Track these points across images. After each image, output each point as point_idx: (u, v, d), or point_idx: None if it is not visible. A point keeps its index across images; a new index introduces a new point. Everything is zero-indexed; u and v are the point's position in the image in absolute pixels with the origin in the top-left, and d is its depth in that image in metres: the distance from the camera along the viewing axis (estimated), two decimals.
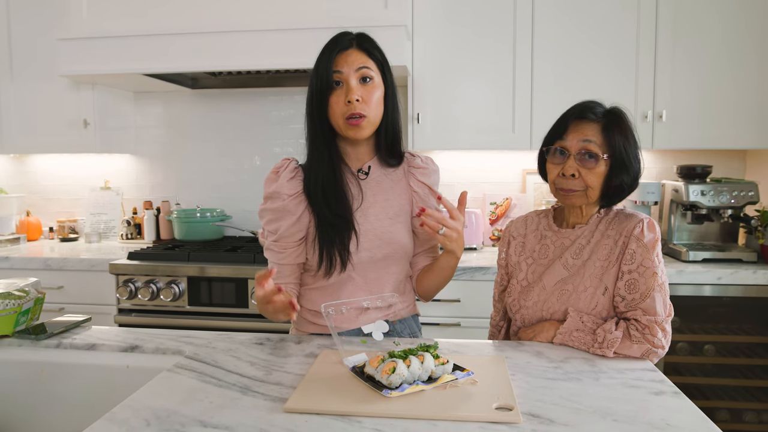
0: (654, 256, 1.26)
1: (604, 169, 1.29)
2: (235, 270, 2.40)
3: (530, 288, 1.39)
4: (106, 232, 3.15)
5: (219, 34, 2.43)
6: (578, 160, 1.29)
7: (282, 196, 1.33)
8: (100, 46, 2.51)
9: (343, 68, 1.28)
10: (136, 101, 3.18)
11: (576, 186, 1.31)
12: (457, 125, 2.63)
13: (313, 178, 1.33)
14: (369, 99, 1.29)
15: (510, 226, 1.52)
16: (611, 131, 1.28)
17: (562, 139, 1.32)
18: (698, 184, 2.44)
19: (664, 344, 1.22)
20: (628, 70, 2.52)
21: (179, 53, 2.47)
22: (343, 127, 1.30)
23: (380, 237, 1.36)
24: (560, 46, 2.54)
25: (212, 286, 2.43)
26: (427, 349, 1.08)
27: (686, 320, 2.29)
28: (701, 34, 2.48)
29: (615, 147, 1.27)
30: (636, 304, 1.25)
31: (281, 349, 1.27)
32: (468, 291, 2.37)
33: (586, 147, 1.28)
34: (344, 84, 1.29)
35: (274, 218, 1.35)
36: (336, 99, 1.29)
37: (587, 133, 1.29)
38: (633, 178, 1.31)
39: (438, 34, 2.59)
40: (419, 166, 1.43)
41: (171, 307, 2.45)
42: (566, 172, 1.31)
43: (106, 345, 1.32)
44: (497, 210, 2.92)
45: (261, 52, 2.42)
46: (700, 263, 2.37)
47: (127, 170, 3.23)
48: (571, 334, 1.27)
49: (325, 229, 1.32)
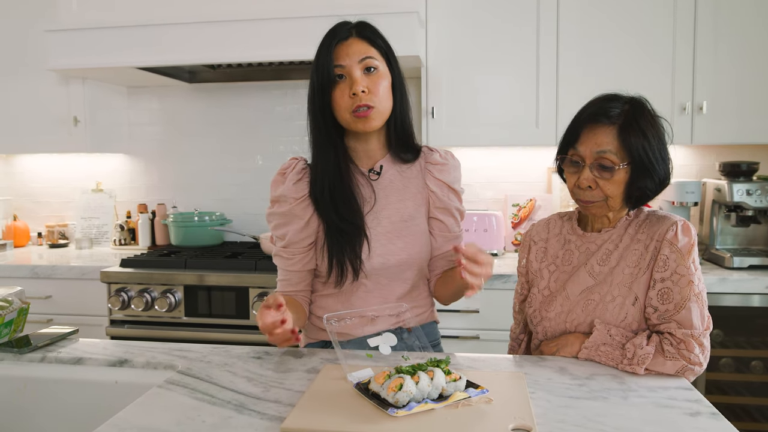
0: (690, 262, 1.24)
1: (624, 176, 1.27)
2: (236, 278, 2.42)
3: (553, 298, 1.38)
4: (97, 238, 3.19)
5: (218, 23, 2.45)
6: (594, 170, 1.28)
7: (288, 199, 1.35)
8: (91, 37, 2.55)
9: (344, 60, 1.29)
10: (129, 97, 3.23)
11: (594, 197, 1.30)
12: (476, 120, 2.62)
13: (318, 182, 1.34)
14: (375, 89, 1.29)
15: (531, 230, 1.51)
16: (628, 134, 1.24)
17: (575, 148, 1.30)
18: (743, 183, 2.40)
19: (702, 361, 1.20)
20: (662, 57, 2.49)
21: (175, 45, 2.50)
22: (351, 121, 1.31)
23: (394, 242, 1.37)
24: (587, 33, 2.52)
25: (211, 295, 2.45)
26: (438, 364, 1.07)
27: (730, 333, 2.26)
28: (745, 16, 2.45)
29: (634, 152, 1.24)
30: (670, 315, 1.23)
31: (281, 364, 1.27)
32: (488, 301, 2.35)
33: (601, 157, 1.26)
34: (347, 77, 1.29)
35: (282, 223, 1.37)
36: (340, 93, 1.29)
37: (601, 141, 1.26)
38: (659, 182, 1.28)
39: (454, 21, 2.59)
40: (437, 161, 1.43)
41: (166, 318, 2.47)
42: (582, 185, 1.30)
43: (93, 359, 1.33)
44: (520, 212, 2.91)
45: (263, 42, 2.44)
46: (746, 270, 2.34)
47: (121, 171, 3.27)
48: (597, 349, 1.26)
49: (334, 236, 1.33)
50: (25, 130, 2.92)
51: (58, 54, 2.58)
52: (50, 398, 1.30)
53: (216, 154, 3.18)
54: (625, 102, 1.29)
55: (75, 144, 2.89)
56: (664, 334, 1.23)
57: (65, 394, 1.30)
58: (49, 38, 2.57)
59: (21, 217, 3.33)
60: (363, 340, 1.35)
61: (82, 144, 2.89)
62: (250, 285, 2.41)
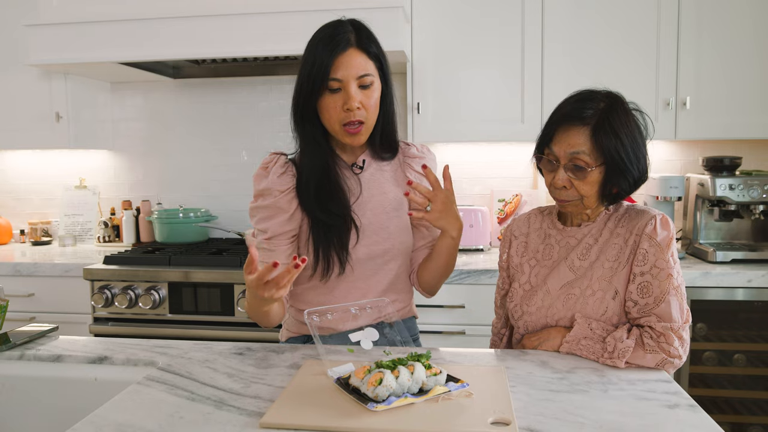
0: (668, 255, 1.25)
1: (598, 177, 1.27)
2: (221, 274, 2.40)
3: (533, 292, 1.38)
4: (81, 235, 3.17)
5: (202, 18, 2.44)
6: (568, 170, 1.28)
7: (273, 192, 1.35)
8: (73, 32, 2.52)
9: (342, 74, 1.28)
10: (113, 92, 3.20)
11: (569, 197, 1.31)
12: (461, 115, 2.62)
13: (305, 177, 1.35)
14: (368, 104, 1.31)
15: (512, 225, 1.52)
16: (601, 135, 1.24)
17: (550, 147, 1.31)
18: (726, 178, 2.42)
19: (681, 353, 1.21)
20: (647, 52, 2.50)
21: (159, 40, 2.47)
22: (340, 133, 1.33)
23: (378, 232, 1.39)
24: (572, 28, 2.53)
25: (196, 292, 2.43)
26: (419, 358, 1.07)
27: (714, 327, 2.28)
28: (729, 10, 2.46)
29: (607, 153, 1.25)
30: (650, 309, 1.24)
31: (262, 360, 1.27)
32: (473, 296, 2.36)
33: (575, 158, 1.27)
34: (342, 90, 1.29)
35: (266, 216, 1.37)
36: (333, 104, 1.30)
37: (574, 143, 1.27)
38: (633, 182, 1.28)
39: (439, 16, 2.59)
40: (415, 155, 1.48)
41: (151, 315, 2.46)
42: (556, 185, 1.31)
43: (73, 356, 1.32)
44: (506, 207, 2.91)
45: (248, 37, 2.42)
46: (729, 264, 2.36)
47: (104, 167, 3.25)
48: (578, 343, 1.26)
49: (320, 230, 1.34)
50: (6, 126, 2.89)
51: (39, 49, 2.55)
52: (29, 396, 1.29)
53: (201, 150, 3.16)
54: (599, 100, 1.28)
55: (58, 140, 2.86)
56: (644, 328, 1.24)
57: (44, 392, 1.29)
58: (30, 33, 2.54)
59: (3, 214, 3.29)
60: (345, 335, 1.35)
61: (65, 140, 2.86)
62: (235, 282, 2.40)
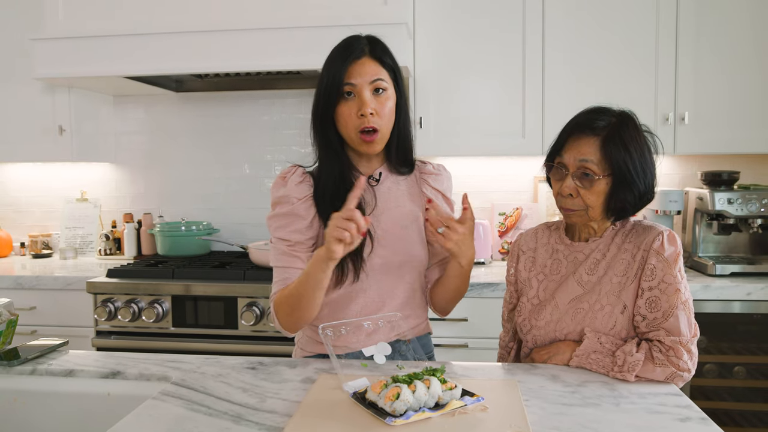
0: (676, 271, 1.27)
1: (604, 187, 1.30)
2: (224, 288, 2.41)
3: (542, 306, 1.40)
4: (82, 248, 3.16)
5: (206, 33, 2.46)
6: (576, 178, 1.31)
7: (291, 199, 1.37)
8: (78, 46, 2.54)
9: (356, 79, 1.32)
10: (116, 106, 3.21)
11: (575, 206, 1.33)
12: (463, 129, 2.65)
13: (322, 185, 1.38)
14: (382, 111, 1.33)
15: (519, 240, 1.54)
16: (611, 146, 1.28)
17: (560, 155, 1.35)
18: (725, 192, 2.46)
19: (690, 367, 1.23)
20: (646, 68, 2.55)
21: (163, 54, 2.49)
22: (356, 141, 1.35)
23: (394, 243, 1.40)
24: (572, 43, 2.57)
25: (199, 305, 2.44)
26: (434, 372, 1.09)
27: (714, 340, 2.30)
28: (727, 25, 2.50)
29: (614, 164, 1.28)
30: (658, 323, 1.26)
31: (275, 374, 1.28)
32: (476, 309, 2.38)
33: (583, 166, 1.30)
34: (357, 96, 1.32)
35: (285, 224, 1.38)
36: (348, 110, 1.33)
37: (584, 151, 1.30)
38: (638, 196, 1.31)
39: (440, 31, 2.62)
40: (431, 172, 1.50)
41: (154, 328, 2.46)
42: (563, 192, 1.33)
43: (85, 371, 1.33)
44: (507, 221, 2.94)
45: (252, 52, 2.44)
46: (728, 277, 2.38)
47: (106, 180, 3.25)
48: (588, 357, 1.28)
49: None
50: (9, 139, 2.89)
51: (43, 63, 2.56)
52: (42, 411, 1.30)
53: (203, 163, 3.17)
54: (612, 115, 1.33)
55: (60, 153, 2.86)
56: (653, 342, 1.26)
57: (57, 407, 1.29)
58: (35, 47, 2.55)
59: (4, 226, 3.29)
60: (360, 354, 1.36)
61: (68, 153, 2.86)
62: (238, 295, 2.40)
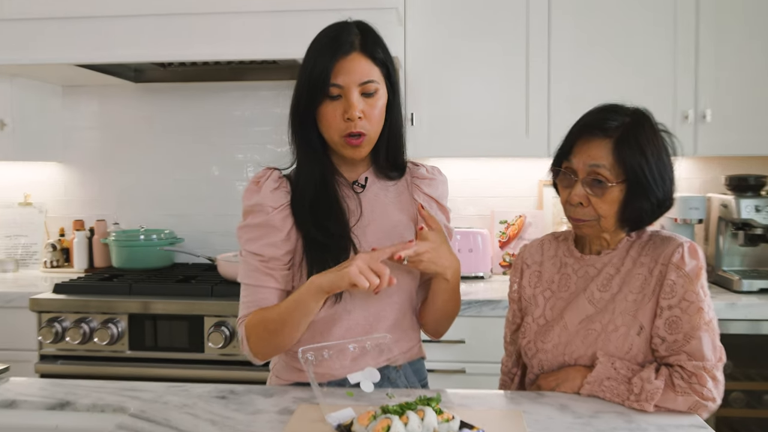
0: (698, 287, 1.29)
1: (617, 195, 1.31)
2: (188, 305, 2.40)
3: (549, 327, 1.41)
4: (25, 259, 3.14)
5: (170, 16, 2.45)
6: (586, 185, 1.32)
7: (266, 208, 1.36)
8: (22, 30, 2.52)
9: (343, 80, 1.30)
10: (65, 97, 3.19)
11: (586, 215, 1.34)
12: (460, 127, 2.67)
13: (300, 192, 1.36)
14: (371, 114, 1.32)
15: (523, 252, 1.55)
16: (624, 149, 1.29)
17: (568, 159, 1.35)
18: (751, 198, 2.48)
19: (716, 396, 1.24)
20: (663, 60, 2.58)
21: (120, 39, 2.48)
22: (339, 144, 1.34)
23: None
24: (582, 33, 2.59)
25: (159, 325, 2.42)
26: (428, 402, 1.09)
27: (741, 364, 2.32)
28: (754, 15, 2.54)
29: (629, 169, 1.29)
30: (679, 347, 1.27)
31: (248, 405, 1.28)
32: (474, 330, 2.38)
33: (594, 171, 1.30)
34: (343, 97, 1.31)
35: (258, 236, 1.37)
36: (332, 112, 1.31)
37: (595, 155, 1.31)
38: (656, 204, 1.32)
39: (435, 17, 2.64)
40: (424, 176, 1.49)
41: (107, 352, 2.44)
42: (572, 201, 1.34)
43: (29, 401, 1.31)
44: (508, 230, 2.96)
45: (222, 38, 2.44)
46: (755, 294, 2.41)
47: (53, 182, 3.23)
48: (601, 384, 1.29)
49: (315, 251, 1.34)
50: None
51: None
52: None
53: (165, 163, 3.16)
54: (626, 114, 1.33)
55: (1, 151, 2.84)
56: (673, 367, 1.27)
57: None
58: None
59: None
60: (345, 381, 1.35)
61: (9, 151, 2.84)
62: (205, 313, 2.39)
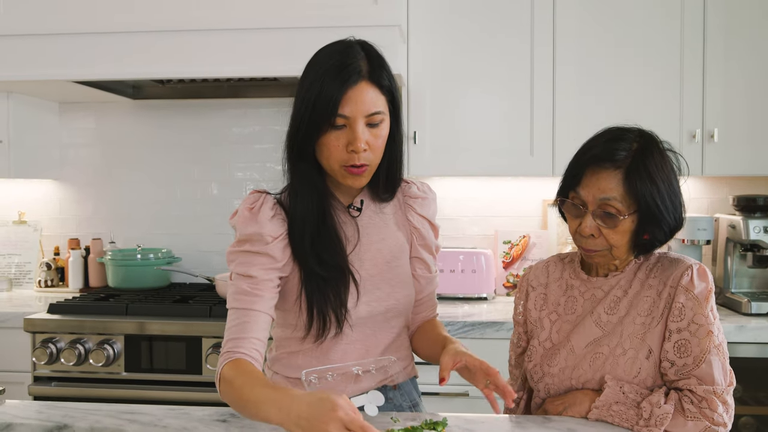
0: (708, 310, 1.30)
1: (630, 225, 1.32)
2: (186, 326, 2.40)
3: (555, 351, 1.42)
4: (18, 278, 3.14)
5: (169, 33, 2.47)
6: (597, 217, 1.33)
7: (265, 238, 1.32)
8: (19, 46, 2.55)
9: (350, 111, 1.28)
10: (62, 114, 3.21)
11: (597, 246, 1.35)
12: (463, 146, 2.69)
13: (299, 224, 1.34)
14: (375, 144, 1.32)
15: (528, 274, 1.56)
16: (635, 180, 1.29)
17: (576, 191, 1.36)
18: (760, 219, 2.49)
19: (726, 421, 1.25)
20: (669, 78, 2.59)
21: (118, 56, 2.51)
22: (339, 173, 1.33)
23: (380, 287, 1.40)
24: (587, 51, 2.61)
25: (156, 346, 2.42)
26: (434, 426, 1.10)
27: (750, 388, 2.32)
28: (761, 34, 2.57)
29: (641, 200, 1.30)
30: (689, 370, 1.28)
31: (250, 428, 1.28)
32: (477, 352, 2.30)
33: (605, 205, 1.31)
34: (348, 128, 1.29)
35: (253, 261, 1.33)
36: (335, 142, 1.30)
37: (605, 187, 1.31)
38: (668, 231, 1.34)
39: (438, 34, 2.67)
40: (416, 195, 1.49)
41: (103, 373, 2.44)
42: (584, 233, 1.35)
43: (25, 425, 1.31)
44: (512, 250, 2.96)
45: (221, 55, 2.46)
46: (764, 317, 2.41)
47: (48, 199, 3.24)
48: (609, 408, 1.29)
49: (314, 283, 1.34)
50: None
51: None
52: None
53: (163, 181, 3.18)
54: (632, 140, 1.34)
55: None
56: (683, 391, 1.27)
57: None
58: None
59: None
60: None
61: (5, 168, 2.85)
62: (203, 334, 2.39)
